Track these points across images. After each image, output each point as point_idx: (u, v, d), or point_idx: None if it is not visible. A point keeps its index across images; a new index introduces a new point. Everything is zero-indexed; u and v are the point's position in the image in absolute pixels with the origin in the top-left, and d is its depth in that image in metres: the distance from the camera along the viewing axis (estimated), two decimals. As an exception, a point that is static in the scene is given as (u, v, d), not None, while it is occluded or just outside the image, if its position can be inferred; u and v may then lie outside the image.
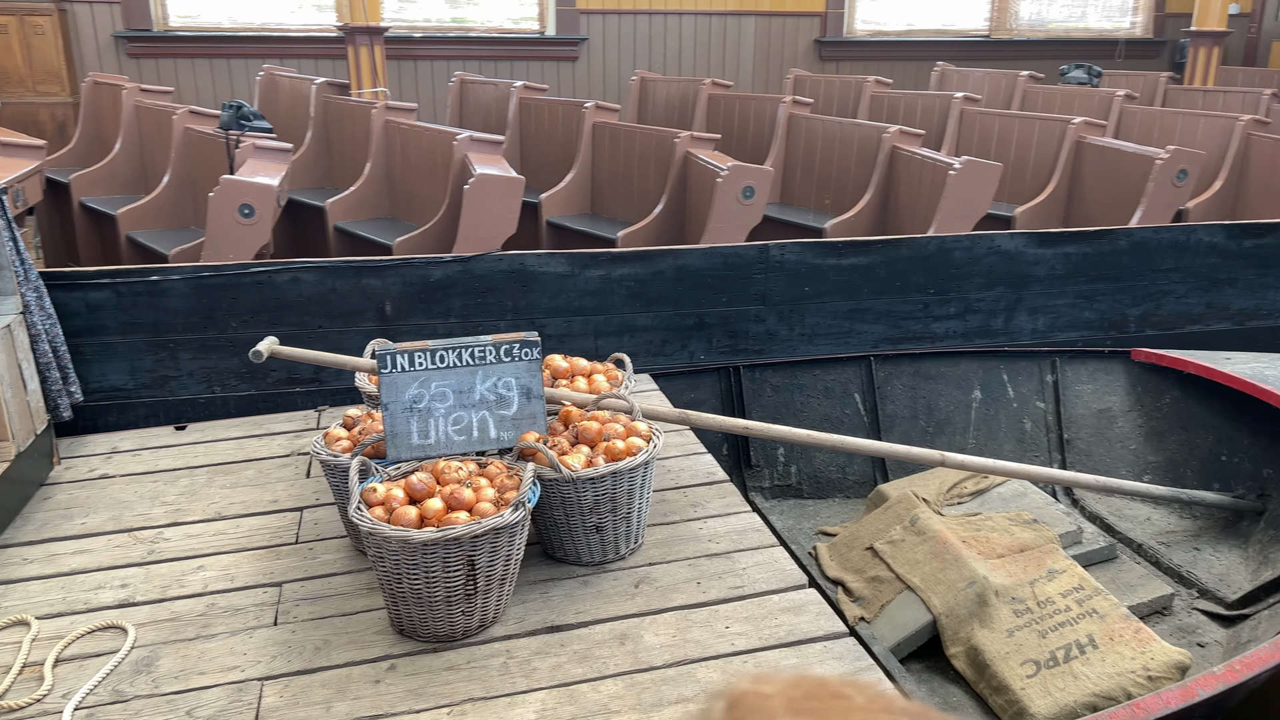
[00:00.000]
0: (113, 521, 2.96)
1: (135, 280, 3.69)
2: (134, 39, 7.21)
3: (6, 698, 2.09)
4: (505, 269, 3.98)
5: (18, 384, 3.09)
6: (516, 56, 7.95)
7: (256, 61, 7.46)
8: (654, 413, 2.93)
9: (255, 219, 3.77)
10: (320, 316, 3.91)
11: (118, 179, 5.17)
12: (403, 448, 2.54)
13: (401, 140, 4.89)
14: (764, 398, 4.18)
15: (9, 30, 6.85)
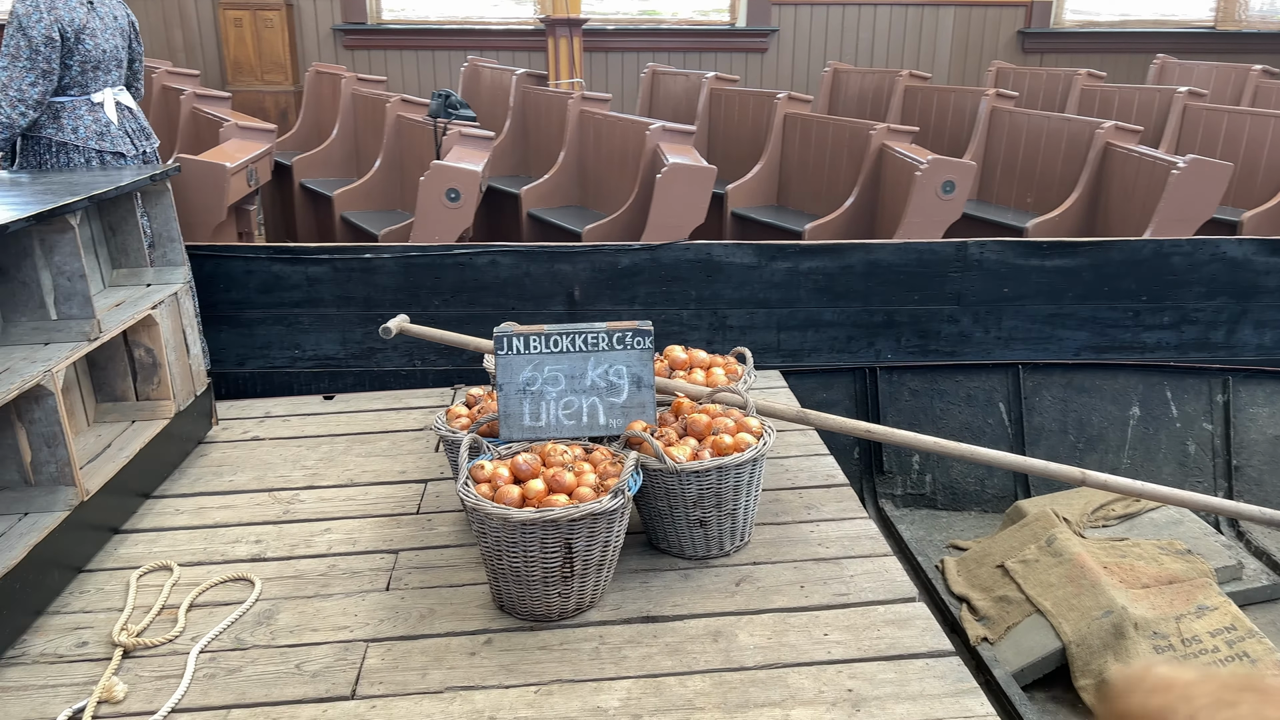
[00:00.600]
0: (256, 481, 3.16)
1: (351, 257, 3.94)
2: (350, 31, 7.70)
3: (144, 635, 2.28)
4: (692, 258, 4.01)
5: (181, 348, 3.31)
6: (706, 48, 7.97)
7: (460, 53, 7.82)
8: (770, 410, 2.85)
9: (460, 203, 3.95)
10: (514, 299, 4.06)
11: (334, 162, 5.54)
12: (514, 428, 2.59)
13: (595, 130, 4.99)
14: (900, 402, 4.05)
15: (243, 24, 7.45)
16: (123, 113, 3.37)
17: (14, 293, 2.72)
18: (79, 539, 2.64)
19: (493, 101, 5.96)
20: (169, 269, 3.33)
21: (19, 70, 3.04)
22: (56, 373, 2.55)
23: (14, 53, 3.02)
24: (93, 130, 3.26)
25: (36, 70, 3.05)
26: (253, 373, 4.05)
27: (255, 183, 4.34)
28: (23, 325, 2.74)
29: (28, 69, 3.04)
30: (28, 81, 3.05)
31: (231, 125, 4.41)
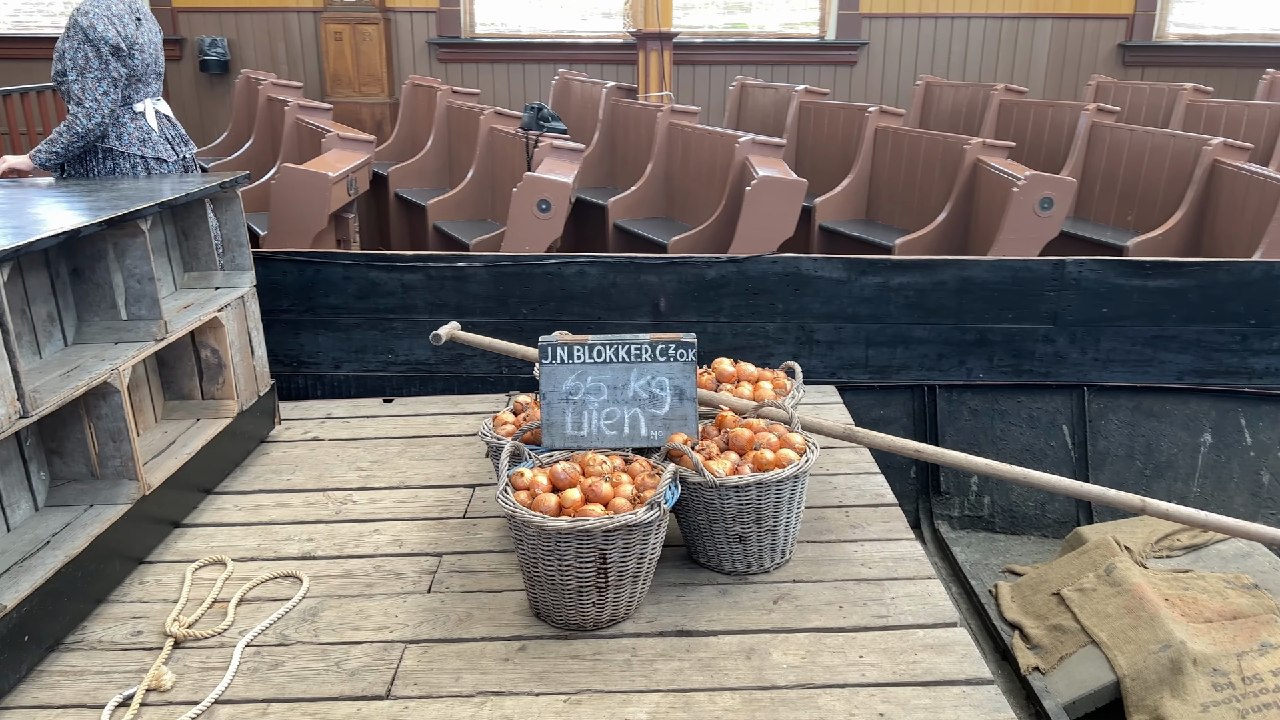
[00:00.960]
0: (312, 480, 3.23)
1: (444, 265, 4.03)
2: (444, 45, 7.89)
3: (195, 627, 2.35)
4: (779, 271, 3.99)
5: (246, 350, 3.40)
6: (794, 61, 7.94)
7: (550, 66, 7.94)
8: (816, 426, 2.79)
9: (551, 214, 4.01)
10: (600, 309, 4.10)
11: (428, 173, 5.68)
12: (556, 436, 2.60)
13: (683, 142, 5.02)
14: (959, 421, 3.95)
15: (343, 38, 7.70)
16: (162, 121, 3.49)
17: (88, 293, 2.84)
18: (140, 531, 2.72)
19: (582, 114, 6.04)
20: (237, 273, 3.44)
21: (91, 81, 3.15)
22: (123, 371, 2.64)
23: (84, 65, 3.13)
24: (136, 137, 3.38)
25: (107, 79, 3.17)
26: (348, 375, 4.17)
27: (354, 192, 4.48)
28: (95, 325, 2.85)
29: (99, 79, 3.16)
30: (100, 91, 3.18)
31: (333, 136, 4.56)
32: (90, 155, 3.36)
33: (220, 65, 7.80)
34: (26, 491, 2.59)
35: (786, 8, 7.99)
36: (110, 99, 3.20)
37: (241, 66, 7.79)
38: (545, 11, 8.01)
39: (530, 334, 4.10)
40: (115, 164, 3.35)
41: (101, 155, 3.34)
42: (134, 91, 3.34)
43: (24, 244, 2.25)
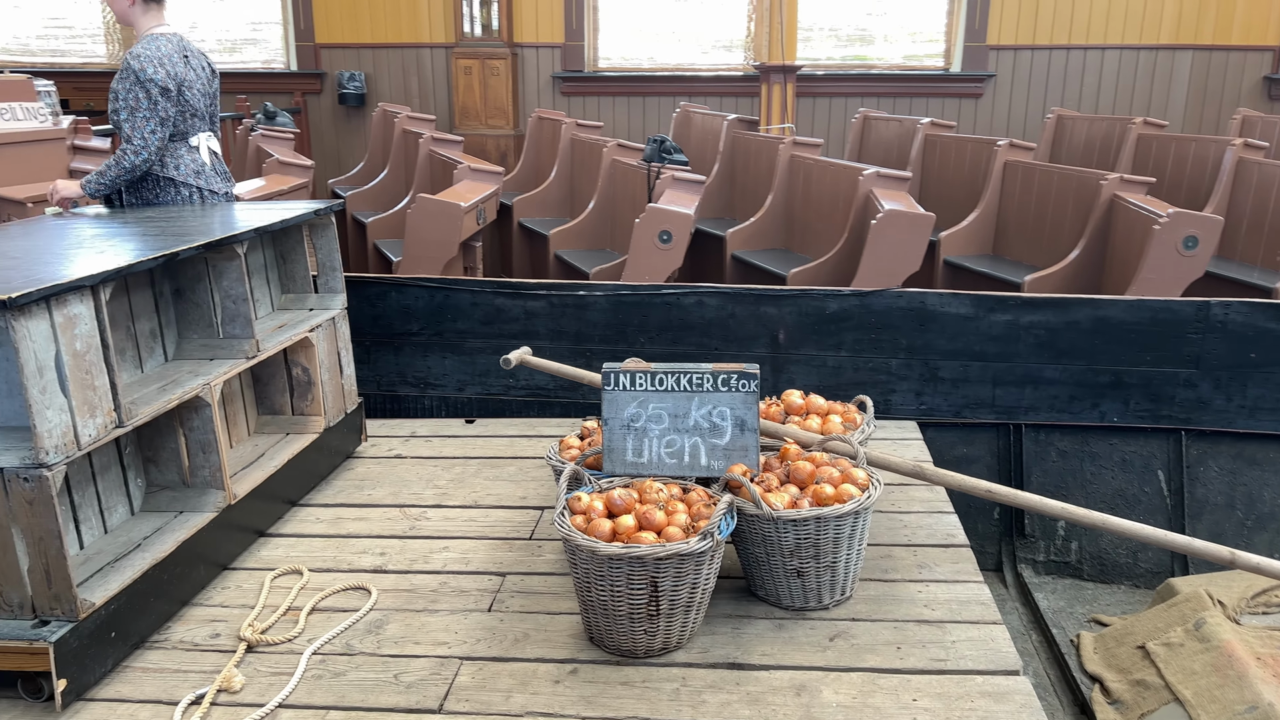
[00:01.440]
0: (391, 496, 3.31)
1: (566, 294, 4.12)
2: (568, 79, 8.09)
3: (268, 632, 2.44)
4: (904, 306, 3.92)
5: (335, 369, 3.50)
6: (917, 93, 7.83)
7: (670, 99, 8.06)
8: (883, 461, 2.71)
9: (672, 245, 4.05)
10: (718, 339, 4.11)
11: (550, 203, 5.82)
12: (617, 463, 2.61)
13: (805, 174, 5.00)
14: (1047, 463, 3.80)
15: (472, 72, 7.99)
16: (213, 156, 3.65)
17: (188, 312, 3.00)
18: (225, 539, 2.82)
19: (702, 146, 6.09)
20: (330, 295, 3.56)
21: (141, 120, 3.32)
22: (214, 386, 2.75)
23: (134, 105, 3.31)
24: (191, 169, 3.53)
25: (156, 119, 3.34)
26: (471, 398, 4.29)
27: (483, 221, 4.62)
28: (194, 342, 3.00)
29: (148, 118, 3.33)
30: (149, 129, 3.34)
31: (464, 168, 4.73)
32: (147, 183, 3.51)
33: (357, 98, 8.19)
34: (124, 496, 2.73)
35: (909, 40, 7.90)
36: (157, 137, 3.37)
37: (377, 99, 8.16)
38: (666, 45, 8.14)
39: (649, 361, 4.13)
40: (176, 192, 3.52)
41: (162, 184, 3.50)
42: (189, 127, 3.50)
43: (125, 265, 2.40)
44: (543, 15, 8.02)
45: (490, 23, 7.91)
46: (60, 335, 2.22)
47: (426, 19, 8.07)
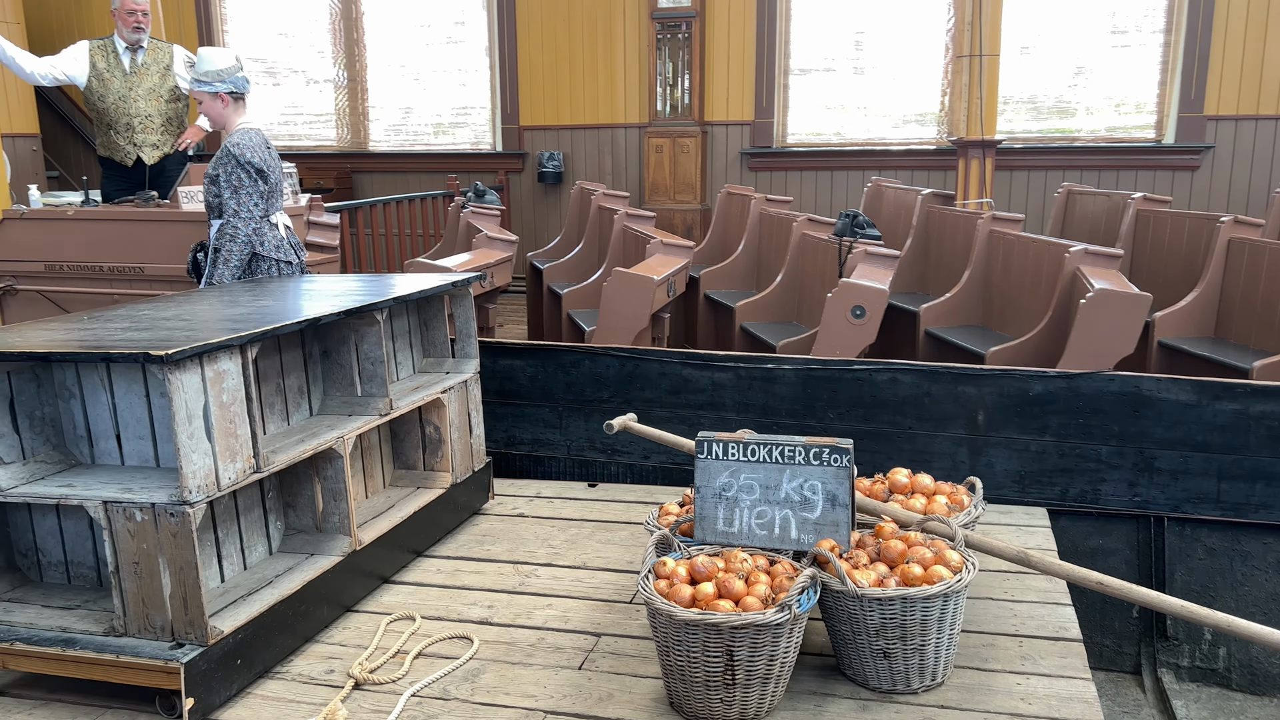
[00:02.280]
0: (507, 553, 3.49)
1: (753, 366, 4.13)
2: (756, 155, 8.22)
3: (375, 672, 2.63)
4: (1115, 390, 3.70)
5: (465, 428, 3.74)
6: (1125, 166, 7.45)
7: (858, 173, 8.02)
8: (985, 545, 2.64)
9: (865, 320, 4.00)
10: (911, 418, 3.99)
11: (737, 275, 5.88)
12: (708, 531, 2.67)
13: (1005, 250, 4.84)
14: (1192, 560, 3.55)
15: (663, 150, 8.26)
16: (288, 231, 4.10)
17: (332, 372, 3.29)
18: (350, 582, 3.05)
19: (895, 220, 6.01)
20: (464, 360, 3.83)
21: (245, 196, 3.82)
22: (347, 439, 3.00)
23: (237, 184, 3.80)
24: (273, 244, 3.97)
25: (257, 193, 3.84)
26: (655, 466, 4.35)
27: (672, 294, 4.73)
28: (337, 399, 3.28)
29: (251, 194, 3.82)
30: (253, 203, 3.83)
31: (657, 242, 4.87)
32: None
33: (555, 176, 8.62)
34: (264, 537, 2.99)
35: (1113, 111, 7.56)
36: (259, 209, 3.87)
37: (573, 176, 8.57)
38: (855, 120, 8.14)
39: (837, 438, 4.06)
40: (259, 266, 3.95)
41: (253, 259, 3.94)
42: (270, 206, 3.95)
43: (270, 328, 2.70)
44: (733, 95, 8.22)
45: (682, 103, 8.18)
46: (210, 388, 2.49)
47: (622, 102, 8.44)
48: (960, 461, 3.97)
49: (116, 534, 2.46)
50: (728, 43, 8.12)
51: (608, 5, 8.29)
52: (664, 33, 8.07)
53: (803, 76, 8.21)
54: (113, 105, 5.24)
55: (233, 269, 3.87)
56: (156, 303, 3.32)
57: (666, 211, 8.06)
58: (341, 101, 9.18)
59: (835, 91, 8.18)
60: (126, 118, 5.26)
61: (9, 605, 2.69)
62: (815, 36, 8.11)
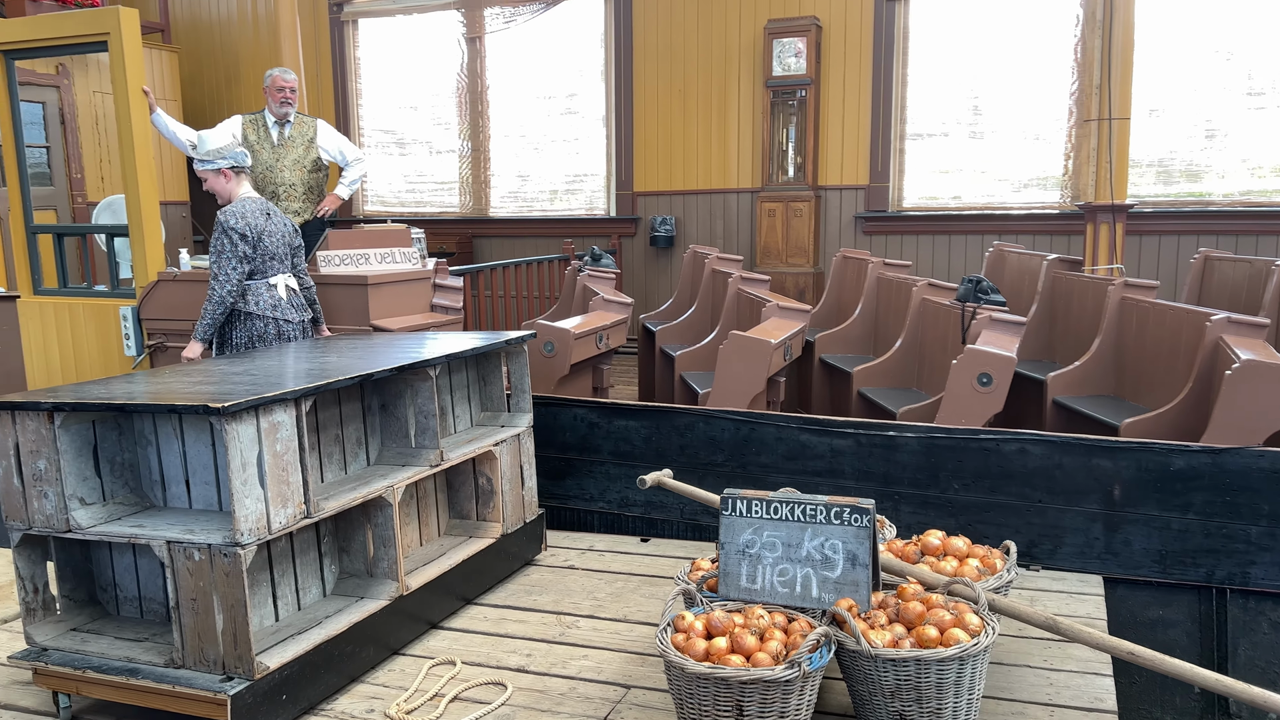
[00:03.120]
0: (552, 603, 3.57)
1: (874, 433, 4.05)
2: (871, 218, 8.17)
3: (411, 714, 2.75)
4: (1266, 467, 3.48)
5: (516, 480, 3.88)
6: (1264, 231, 7.10)
7: (977, 237, 7.88)
8: (1012, 610, 2.62)
9: (992, 388, 3.89)
10: (1041, 490, 3.84)
11: (853, 340, 5.81)
12: (731, 587, 2.72)
13: (1138, 318, 4.65)
14: (1257, 634, 3.44)
15: (775, 214, 8.30)
16: (290, 292, 4.35)
17: (389, 424, 3.45)
18: (397, 625, 3.18)
19: (1018, 285, 5.86)
20: (519, 414, 3.98)
21: (224, 260, 4.12)
22: (396, 489, 3.15)
23: (220, 249, 4.11)
24: (268, 303, 4.25)
25: (236, 258, 4.12)
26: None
27: (789, 357, 4.70)
28: (393, 450, 3.44)
29: (230, 258, 4.12)
30: (230, 266, 4.12)
31: (773, 305, 4.86)
32: (231, 318, 4.24)
33: (667, 240, 8.75)
34: (318, 580, 3.16)
35: (1247, 174, 7.24)
36: (238, 273, 4.14)
37: (684, 240, 8.67)
38: (973, 183, 8.02)
39: (961, 512, 3.94)
40: (254, 324, 4.24)
41: (243, 318, 4.24)
42: (268, 269, 4.25)
43: (323, 383, 2.89)
44: (847, 159, 8.22)
45: (796, 168, 8.23)
46: (264, 438, 2.67)
47: (735, 167, 8.55)
48: (1094, 538, 3.78)
49: (178, 572, 2.66)
50: (842, 108, 8.15)
51: (722, 75, 8.45)
52: (778, 100, 8.16)
53: (919, 140, 8.16)
54: (260, 174, 5.59)
55: (205, 326, 4.17)
56: (241, 358, 3.67)
57: (779, 275, 8.05)
58: (465, 170, 9.57)
59: (952, 155, 8.09)
60: (272, 186, 5.60)
61: (86, 636, 2.91)
62: (932, 101, 8.07)
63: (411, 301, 5.03)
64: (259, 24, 9.95)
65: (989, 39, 7.85)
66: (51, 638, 2.89)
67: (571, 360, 4.75)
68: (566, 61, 9.21)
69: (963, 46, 7.94)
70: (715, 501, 3.21)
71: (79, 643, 2.86)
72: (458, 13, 9.26)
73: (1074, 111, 7.49)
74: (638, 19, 8.66)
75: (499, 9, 9.09)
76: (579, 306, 5.96)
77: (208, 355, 4.33)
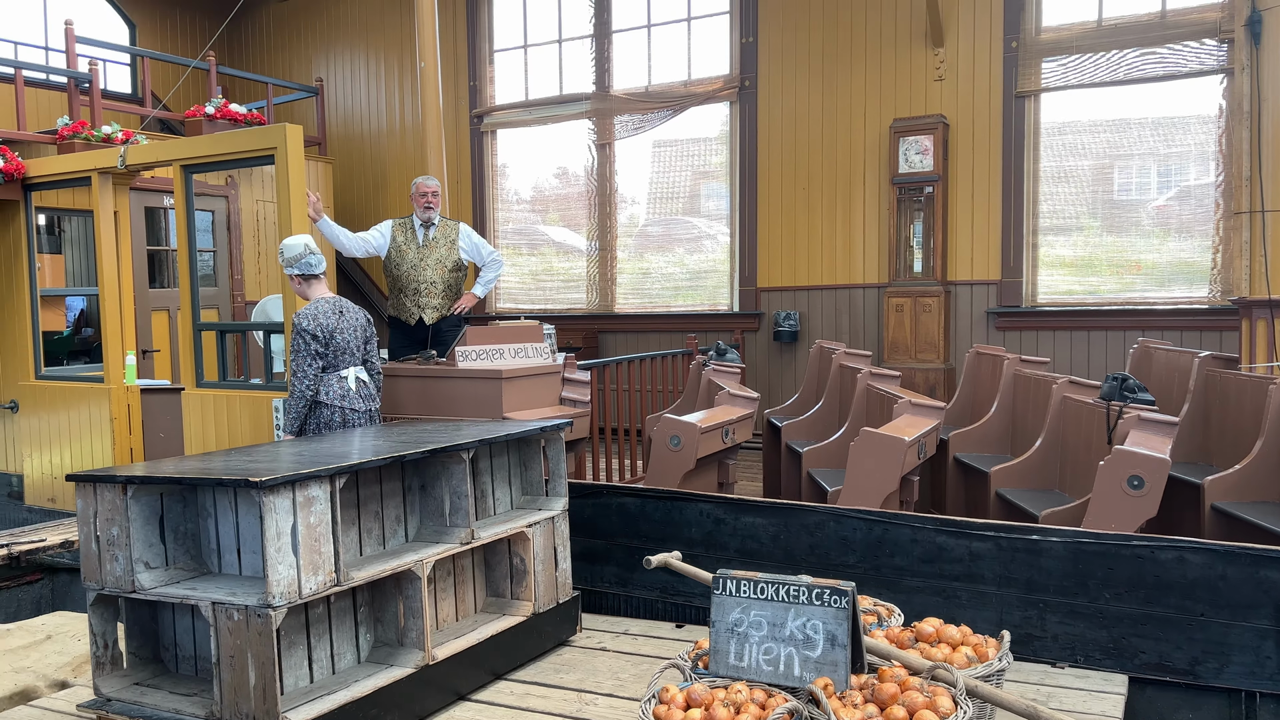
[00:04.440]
0: (577, 682, 3.72)
1: (1016, 536, 3.87)
2: (1004, 314, 7.97)
3: None
4: None
5: (550, 562, 4.07)
6: None
7: (1118, 334, 7.57)
8: (993, 697, 2.69)
9: (1144, 491, 3.68)
10: (1204, 603, 3.58)
11: (989, 439, 5.61)
12: (720, 664, 2.86)
13: (1306, 418, 4.34)
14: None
15: (903, 309, 8.20)
16: (359, 383, 4.69)
17: (427, 504, 3.73)
18: (422, 694, 3.39)
19: (1166, 383, 5.58)
20: (555, 498, 4.20)
21: (301, 358, 4.50)
22: (425, 563, 3.39)
23: (297, 348, 4.51)
24: (337, 393, 4.60)
25: (309, 354, 4.51)
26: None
27: (923, 455, 4.58)
28: (430, 527, 3.70)
29: (305, 355, 4.50)
30: (306, 364, 4.50)
31: (905, 402, 4.77)
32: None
33: (790, 335, 8.74)
34: (354, 647, 3.44)
35: None
36: (313, 369, 4.52)
37: (808, 335, 8.64)
38: (1113, 278, 7.75)
39: (1114, 622, 3.70)
40: (320, 413, 4.58)
41: (316, 407, 4.58)
42: (339, 362, 4.61)
43: (357, 463, 3.19)
44: (978, 254, 8.10)
45: (924, 263, 8.14)
46: (299, 510, 2.95)
47: (861, 262, 8.53)
48: (1266, 656, 3.48)
49: (219, 630, 2.95)
50: (971, 203, 8.07)
51: (848, 172, 8.52)
52: (905, 195, 8.15)
53: (1053, 235, 7.98)
54: (406, 273, 5.93)
55: (291, 420, 4.55)
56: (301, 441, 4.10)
57: (908, 370, 7.91)
58: (592, 268, 9.87)
59: (1089, 249, 7.87)
60: (415, 284, 5.93)
61: (145, 689, 3.25)
62: (1065, 195, 7.91)
63: (542, 394, 5.16)
64: (405, 135, 10.66)
65: (1124, 131, 7.69)
66: (115, 690, 3.21)
67: (698, 454, 4.75)
68: (692, 161, 9.48)
69: (1096, 140, 7.80)
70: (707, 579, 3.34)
71: (138, 695, 3.19)
72: (589, 121, 9.70)
73: (1220, 204, 7.20)
74: (762, 119, 8.87)
75: (628, 116, 9.48)
76: (703, 401, 5.98)
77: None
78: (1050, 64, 7.80)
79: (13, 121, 8.05)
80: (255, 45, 11.67)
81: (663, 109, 9.29)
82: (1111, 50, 7.57)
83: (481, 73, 10.25)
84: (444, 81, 7.27)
